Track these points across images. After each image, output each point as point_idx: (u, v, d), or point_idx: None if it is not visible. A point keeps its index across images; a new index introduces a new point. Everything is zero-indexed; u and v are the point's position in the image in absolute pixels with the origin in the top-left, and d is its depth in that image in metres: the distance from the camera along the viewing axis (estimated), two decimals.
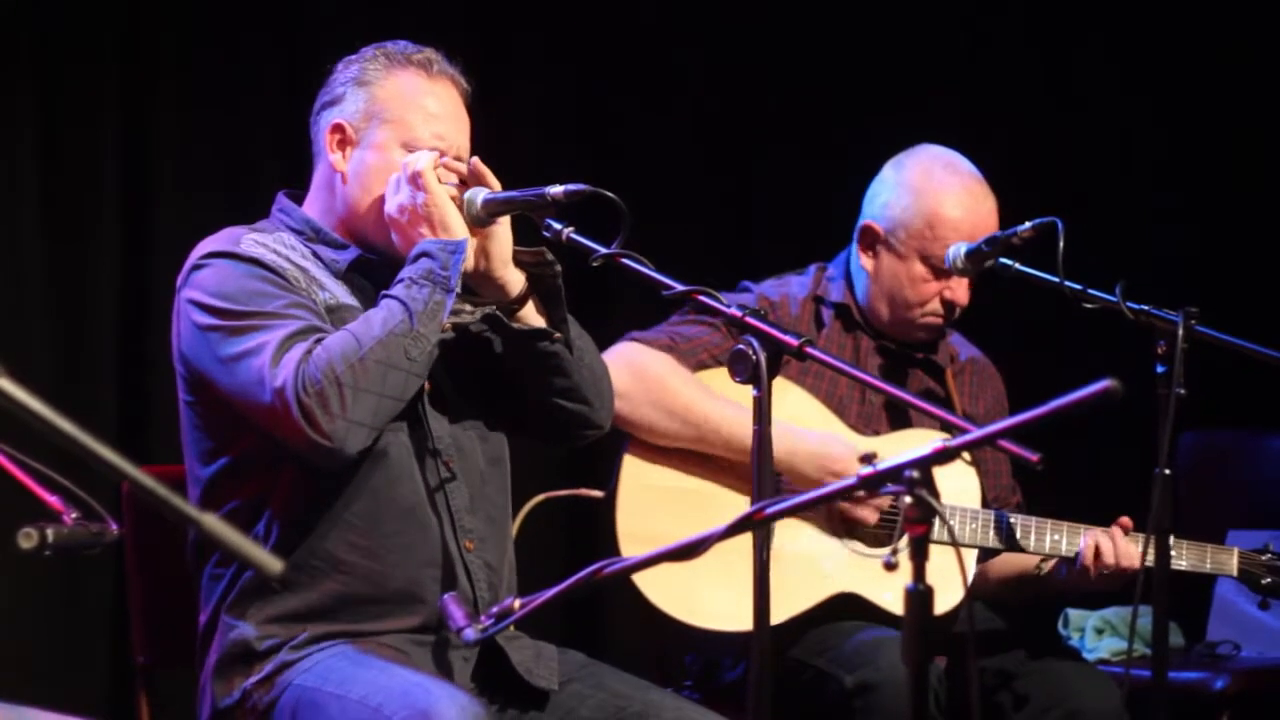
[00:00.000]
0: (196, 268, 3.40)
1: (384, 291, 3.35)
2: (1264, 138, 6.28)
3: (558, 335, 3.47)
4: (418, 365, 3.29)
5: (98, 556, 2.92)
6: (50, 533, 2.69)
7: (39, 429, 2.12)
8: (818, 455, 4.09)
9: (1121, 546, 4.04)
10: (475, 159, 3.47)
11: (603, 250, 3.30)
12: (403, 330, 3.27)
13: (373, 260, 3.49)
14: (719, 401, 4.12)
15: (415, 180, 3.39)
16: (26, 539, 2.65)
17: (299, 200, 3.58)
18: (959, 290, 4.26)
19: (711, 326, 4.22)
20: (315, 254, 3.48)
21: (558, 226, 3.36)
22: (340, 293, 3.45)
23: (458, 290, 3.34)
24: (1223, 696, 4.99)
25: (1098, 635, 5.41)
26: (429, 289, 3.31)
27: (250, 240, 3.42)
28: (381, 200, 3.46)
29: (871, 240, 4.32)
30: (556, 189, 3.36)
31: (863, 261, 4.33)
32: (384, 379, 3.25)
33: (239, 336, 3.29)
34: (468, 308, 3.48)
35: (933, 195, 4.25)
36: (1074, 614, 5.50)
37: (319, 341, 3.27)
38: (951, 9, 6.31)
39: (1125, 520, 4.07)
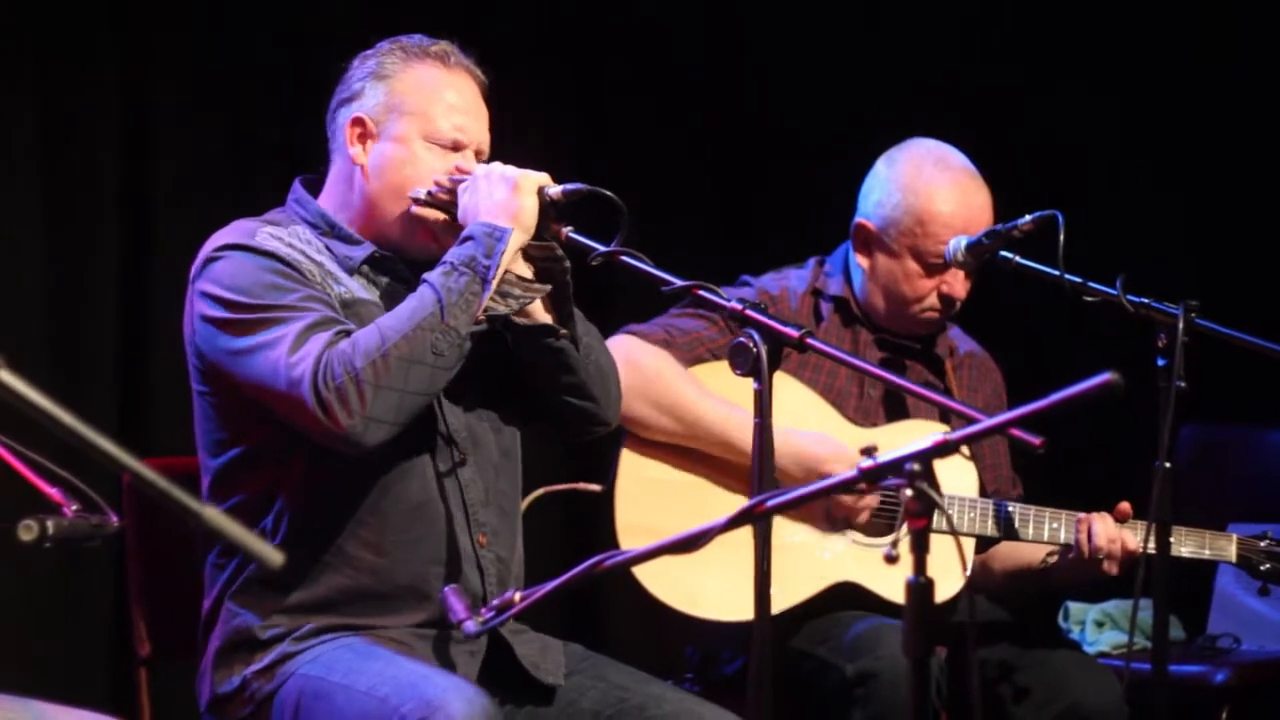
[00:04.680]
0: (211, 260, 3.38)
1: (425, 274, 3.32)
2: (1264, 131, 6.28)
3: (564, 331, 3.45)
4: (445, 359, 3.26)
5: (98, 549, 2.92)
6: (51, 525, 2.70)
7: (39, 421, 2.12)
8: (805, 457, 4.07)
9: (1112, 527, 4.04)
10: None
11: (602, 249, 3.31)
12: (431, 323, 3.24)
13: (387, 256, 3.48)
14: (712, 399, 4.12)
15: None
16: (27, 531, 2.66)
17: (314, 189, 3.57)
18: (955, 284, 4.26)
19: (709, 321, 4.22)
20: (329, 248, 3.46)
21: (558, 225, 3.37)
22: (355, 288, 3.43)
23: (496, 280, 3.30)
24: (1223, 690, 5.00)
25: (1098, 628, 5.41)
26: (467, 278, 3.27)
27: (265, 234, 3.40)
28: (401, 194, 3.45)
29: (865, 238, 4.31)
30: (555, 189, 3.36)
31: (858, 259, 4.33)
32: (407, 375, 3.22)
33: (254, 330, 3.28)
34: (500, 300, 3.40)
35: (923, 192, 4.24)
36: (1074, 607, 5.50)
37: (339, 334, 3.25)
38: (950, 2, 6.31)
39: (1124, 506, 4.07)
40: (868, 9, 6.24)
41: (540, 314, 3.45)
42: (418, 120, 3.47)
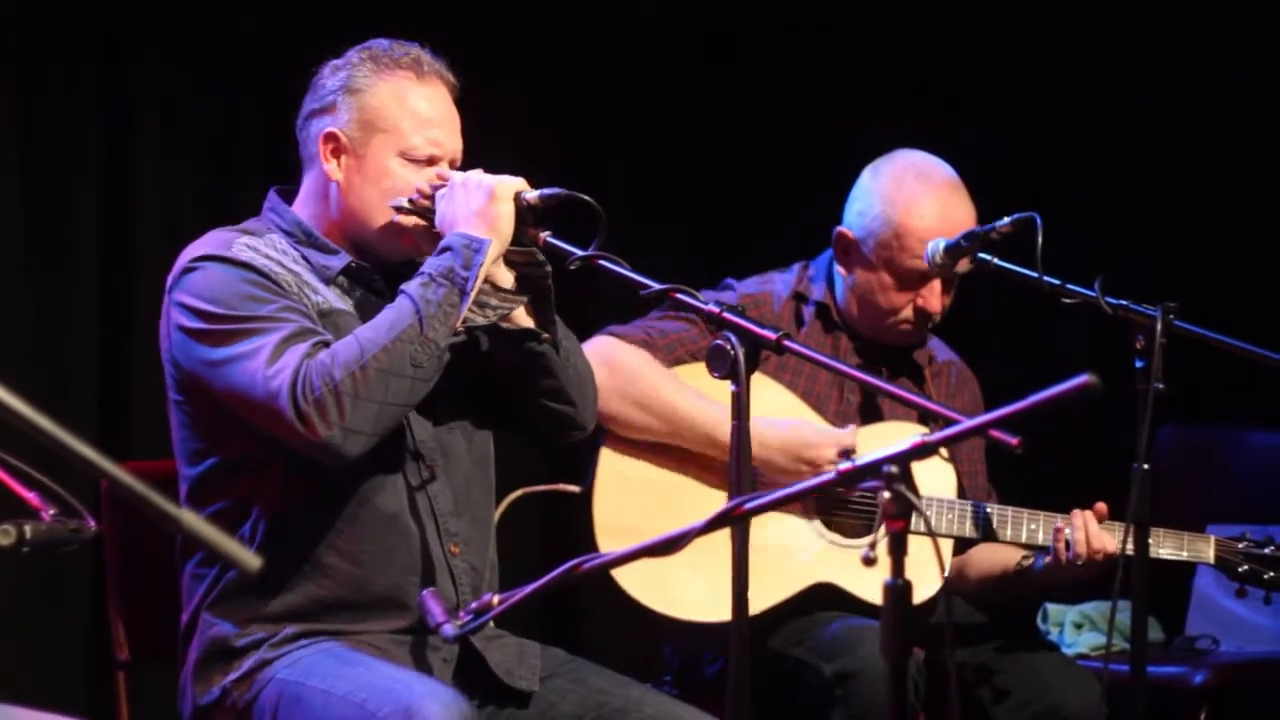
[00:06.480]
0: (187, 271, 3.37)
1: (403, 285, 3.32)
2: (1244, 133, 6.29)
3: (546, 336, 3.45)
4: (424, 371, 3.26)
5: (76, 553, 2.91)
6: (28, 529, 2.69)
7: (17, 426, 2.11)
8: (789, 444, 4.08)
9: (1093, 529, 4.05)
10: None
11: (579, 253, 3.30)
12: (410, 336, 3.23)
13: (364, 266, 3.47)
14: (691, 395, 4.12)
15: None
16: (4, 536, 2.65)
17: (290, 198, 3.55)
18: (931, 299, 4.25)
19: (689, 322, 4.21)
20: (305, 258, 3.45)
21: (535, 230, 3.36)
22: (331, 297, 3.43)
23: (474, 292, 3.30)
24: (1202, 691, 5.00)
25: (1077, 630, 5.42)
26: (445, 289, 3.26)
27: (241, 245, 3.39)
28: (379, 206, 3.44)
29: (846, 247, 4.31)
30: (532, 194, 3.36)
31: (839, 268, 4.33)
32: (386, 387, 3.22)
33: (231, 341, 3.27)
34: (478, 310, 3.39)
35: (902, 206, 4.23)
36: (1053, 608, 5.51)
37: (316, 345, 3.25)
38: (938, 7, 6.31)
39: (1101, 506, 4.08)
40: (856, 15, 6.23)
41: (522, 318, 3.45)
42: (392, 137, 3.45)
